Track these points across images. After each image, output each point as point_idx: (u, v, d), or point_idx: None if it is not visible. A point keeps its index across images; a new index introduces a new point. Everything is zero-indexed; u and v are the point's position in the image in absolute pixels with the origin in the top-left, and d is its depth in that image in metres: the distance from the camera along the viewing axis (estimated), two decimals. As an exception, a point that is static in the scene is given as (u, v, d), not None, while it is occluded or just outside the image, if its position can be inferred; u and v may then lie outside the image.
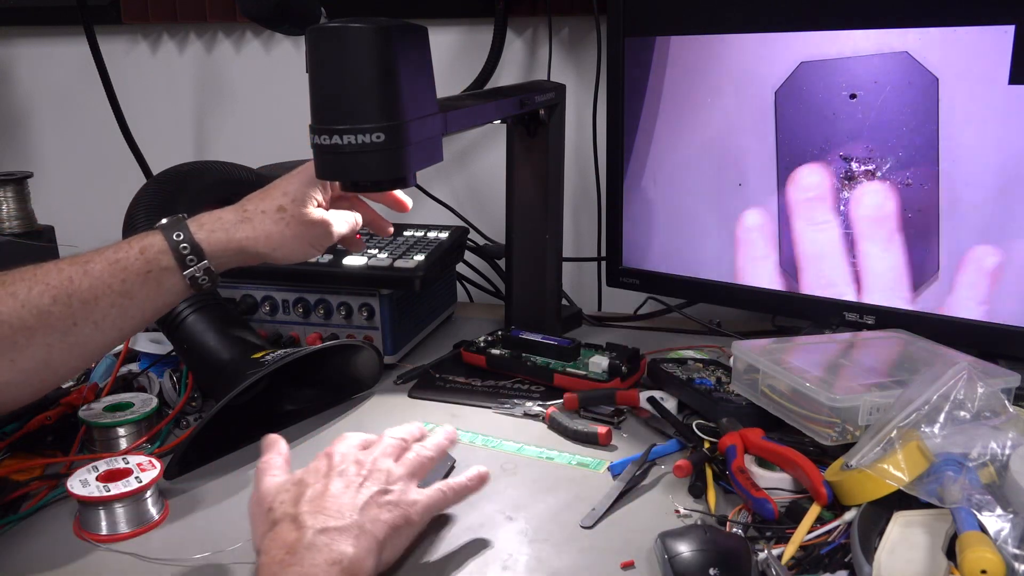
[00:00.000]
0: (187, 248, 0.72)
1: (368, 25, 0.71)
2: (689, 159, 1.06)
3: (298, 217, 0.78)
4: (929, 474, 0.62)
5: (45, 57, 1.60)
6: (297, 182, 0.79)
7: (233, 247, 0.75)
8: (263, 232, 0.76)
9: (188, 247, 0.72)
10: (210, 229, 0.75)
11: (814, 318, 1.01)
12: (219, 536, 0.70)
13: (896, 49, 0.89)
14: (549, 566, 0.66)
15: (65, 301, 0.68)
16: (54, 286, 0.68)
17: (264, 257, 0.77)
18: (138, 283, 0.71)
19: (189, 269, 0.72)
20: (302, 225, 0.78)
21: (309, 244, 0.79)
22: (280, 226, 0.77)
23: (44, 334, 0.68)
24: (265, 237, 0.76)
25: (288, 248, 0.78)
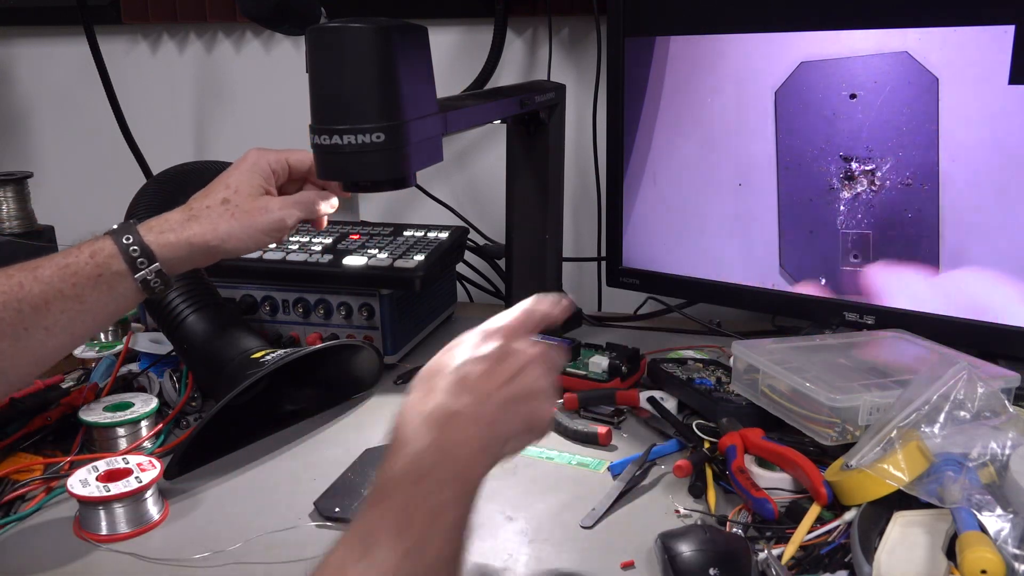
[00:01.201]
0: (137, 251, 0.71)
1: (368, 25, 0.71)
2: (689, 159, 1.06)
3: (243, 207, 0.76)
4: (929, 474, 0.63)
5: (45, 57, 1.60)
6: (238, 173, 0.78)
7: (183, 245, 0.74)
8: (210, 226, 0.74)
9: (138, 250, 0.71)
10: (159, 231, 0.73)
11: (814, 318, 1.01)
12: (219, 536, 0.70)
13: (896, 49, 0.89)
14: (549, 566, 0.66)
15: (16, 307, 0.67)
16: (4, 292, 0.68)
17: (216, 251, 0.75)
18: (89, 287, 0.70)
19: (140, 272, 0.71)
20: (248, 214, 0.76)
21: (261, 232, 0.76)
22: (226, 218, 0.75)
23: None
24: (212, 231, 0.74)
25: (238, 239, 0.75)
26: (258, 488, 0.79)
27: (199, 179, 0.99)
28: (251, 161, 0.78)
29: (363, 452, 0.83)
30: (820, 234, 0.98)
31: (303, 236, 1.11)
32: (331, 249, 1.06)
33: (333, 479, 0.78)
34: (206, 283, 0.96)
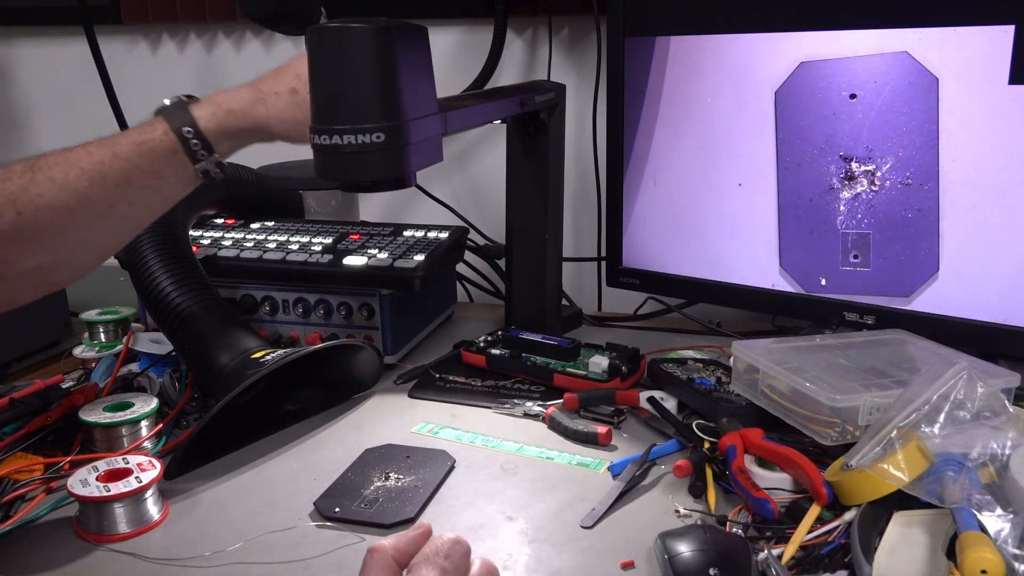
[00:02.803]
0: (198, 144, 0.74)
1: (368, 25, 0.71)
2: (689, 159, 1.06)
3: (308, 100, 0.78)
4: (929, 474, 0.63)
5: (45, 57, 1.60)
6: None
7: (248, 125, 0.77)
8: (276, 112, 0.78)
9: (199, 143, 0.74)
10: (228, 108, 0.77)
11: (814, 318, 1.01)
12: (219, 536, 0.70)
13: (896, 49, 0.89)
14: (549, 566, 0.66)
15: (100, 184, 0.71)
16: (88, 170, 0.71)
17: (275, 136, 0.79)
18: (164, 163, 0.73)
19: (200, 163, 0.75)
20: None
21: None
22: (292, 108, 0.79)
23: (85, 216, 0.71)
24: (278, 117, 0.78)
25: (300, 130, 0.78)
26: (258, 488, 0.79)
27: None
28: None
29: (363, 452, 0.83)
30: (820, 234, 0.98)
31: (303, 236, 1.11)
32: (331, 249, 1.06)
33: (333, 479, 0.78)
34: (206, 283, 0.96)
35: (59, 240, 0.71)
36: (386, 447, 0.84)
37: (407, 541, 0.55)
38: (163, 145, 0.73)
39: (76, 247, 0.72)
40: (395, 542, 0.54)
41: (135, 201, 0.73)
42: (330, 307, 1.04)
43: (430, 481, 0.77)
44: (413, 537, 0.55)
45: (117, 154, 0.72)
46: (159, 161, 0.73)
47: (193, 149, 0.74)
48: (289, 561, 0.67)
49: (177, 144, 0.74)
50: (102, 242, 0.75)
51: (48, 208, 0.69)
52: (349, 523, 0.71)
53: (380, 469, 0.79)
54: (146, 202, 0.74)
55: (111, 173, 0.71)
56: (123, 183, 0.71)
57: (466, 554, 0.55)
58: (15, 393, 0.88)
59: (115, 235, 0.75)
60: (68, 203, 0.70)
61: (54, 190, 0.70)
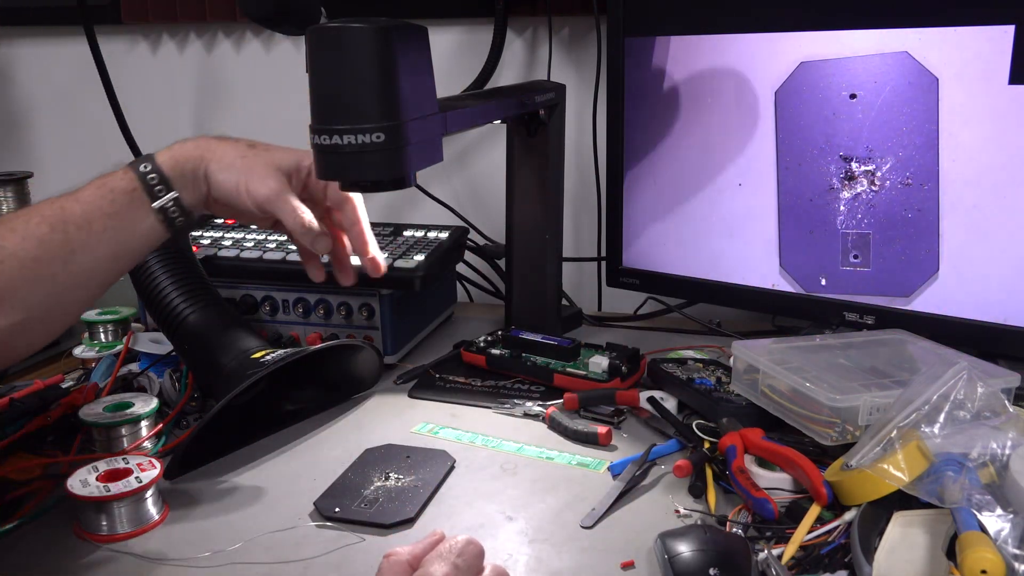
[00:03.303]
0: (155, 178, 0.73)
1: (368, 25, 0.71)
2: (689, 159, 1.06)
3: (261, 154, 0.78)
4: (929, 474, 0.62)
5: (45, 57, 1.60)
6: (285, 151, 0.80)
7: (195, 156, 0.76)
8: (219, 153, 0.77)
9: (156, 177, 0.73)
10: (182, 148, 0.76)
11: (814, 318, 1.01)
12: (219, 536, 0.70)
13: (896, 49, 0.89)
14: (549, 566, 0.66)
15: (61, 228, 0.70)
16: (49, 216, 0.70)
17: (211, 175, 0.76)
18: (126, 203, 0.72)
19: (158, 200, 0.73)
20: (256, 165, 0.77)
21: (246, 186, 0.76)
22: (238, 152, 0.77)
23: (48, 264, 0.69)
24: (220, 154, 0.76)
25: (229, 175, 0.76)
26: (258, 488, 0.79)
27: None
28: (298, 151, 0.80)
29: (363, 452, 0.83)
30: (820, 234, 0.98)
31: (303, 236, 1.11)
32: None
33: (333, 479, 0.78)
34: (206, 283, 0.96)
35: (25, 294, 0.68)
36: (386, 447, 0.84)
37: (423, 547, 0.56)
38: (122, 184, 0.73)
39: (42, 302, 0.69)
40: (411, 548, 0.56)
41: (96, 247, 0.71)
42: (330, 307, 1.04)
43: (430, 481, 0.77)
44: (428, 543, 0.57)
45: (78, 198, 0.72)
46: (119, 201, 0.72)
47: (150, 183, 0.73)
48: (289, 561, 0.67)
49: (136, 181, 0.73)
50: (67, 297, 0.71)
51: (11, 258, 0.68)
52: (349, 523, 0.71)
53: (380, 469, 0.79)
54: (109, 249, 0.71)
55: (72, 217, 0.70)
56: (84, 226, 0.70)
57: (479, 555, 0.56)
58: (15, 393, 0.88)
59: (80, 287, 0.72)
60: (31, 251, 0.68)
61: (15, 240, 0.68)
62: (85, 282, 0.72)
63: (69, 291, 0.71)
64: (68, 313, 0.73)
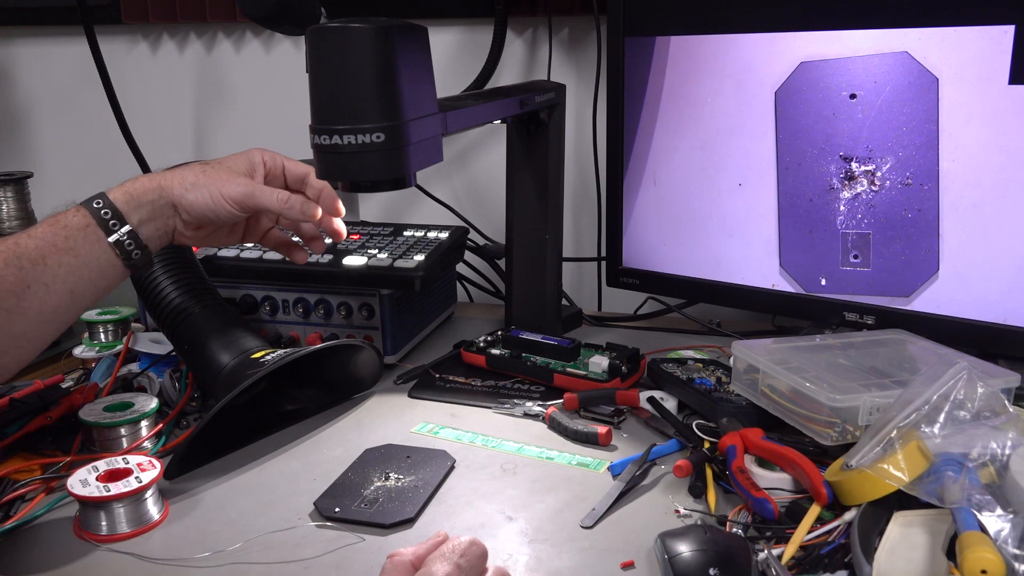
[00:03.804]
0: (108, 213, 0.74)
1: (368, 25, 0.71)
2: (689, 159, 1.06)
3: (218, 170, 0.80)
4: (929, 474, 0.62)
5: (45, 57, 1.60)
6: (227, 156, 0.83)
7: (152, 187, 0.77)
8: (179, 177, 0.78)
9: (109, 212, 0.74)
10: (137, 181, 0.78)
11: (814, 318, 1.01)
12: (219, 536, 0.70)
13: (896, 49, 0.89)
14: (549, 566, 0.66)
15: (16, 263, 0.70)
16: (2, 251, 0.70)
17: (180, 201, 0.77)
18: (80, 239, 0.72)
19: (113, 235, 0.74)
20: (219, 177, 0.79)
21: (224, 197, 0.79)
22: (197, 173, 0.79)
23: (2, 299, 0.69)
24: (180, 180, 0.78)
25: (201, 192, 0.78)
26: (258, 488, 0.79)
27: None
28: (245, 152, 0.83)
29: (363, 452, 0.83)
30: (820, 234, 0.98)
31: (303, 236, 1.11)
32: (331, 249, 1.06)
33: (333, 479, 0.78)
34: (206, 283, 0.96)
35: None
36: (386, 447, 0.84)
37: (426, 548, 0.56)
38: (76, 220, 0.73)
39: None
40: (415, 549, 0.56)
41: (51, 282, 0.70)
42: (330, 307, 1.04)
43: (430, 481, 0.77)
44: (431, 544, 0.57)
45: (32, 234, 0.72)
46: (73, 237, 0.72)
47: (103, 218, 0.73)
48: (289, 561, 0.67)
49: (88, 217, 0.73)
50: (20, 333, 0.70)
51: None
52: (349, 523, 0.71)
53: (380, 469, 0.79)
54: (64, 285, 0.71)
55: (26, 252, 0.70)
56: (38, 261, 0.70)
57: (482, 556, 0.56)
58: (15, 393, 0.88)
59: (33, 325, 0.71)
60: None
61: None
62: (39, 318, 0.71)
63: (22, 326, 0.70)
64: (22, 349, 0.72)
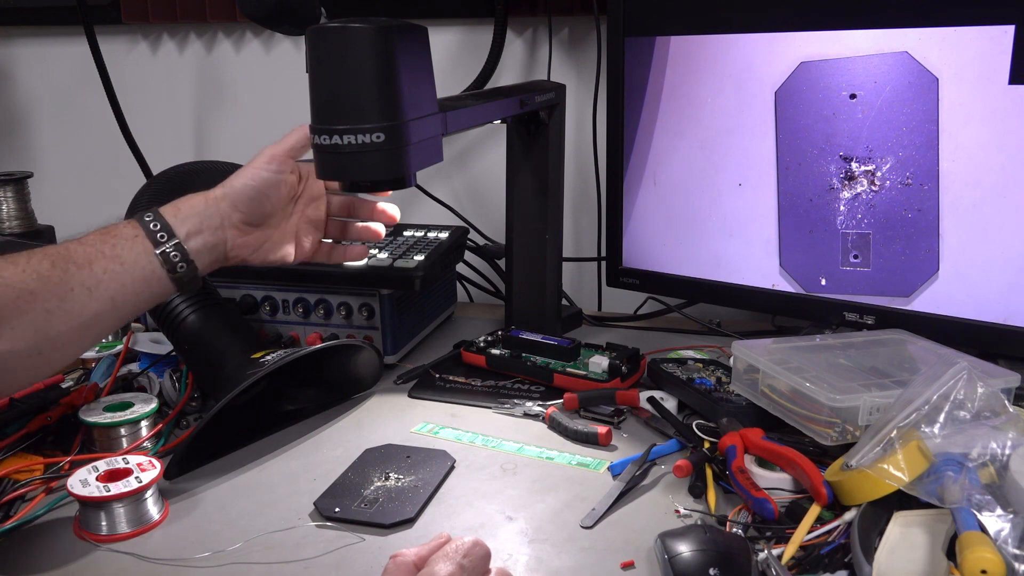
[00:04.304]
0: (158, 226, 0.76)
1: (368, 25, 0.71)
2: (689, 159, 1.06)
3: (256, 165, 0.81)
4: (929, 474, 0.62)
5: (45, 57, 1.60)
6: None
7: (199, 200, 0.78)
8: (220, 185, 0.80)
9: (159, 225, 0.76)
10: (185, 198, 0.79)
11: (814, 318, 1.01)
12: (219, 536, 0.70)
13: (896, 49, 0.89)
14: (549, 566, 0.66)
15: (62, 266, 0.71)
16: (51, 253, 0.72)
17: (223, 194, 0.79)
18: (127, 248, 0.73)
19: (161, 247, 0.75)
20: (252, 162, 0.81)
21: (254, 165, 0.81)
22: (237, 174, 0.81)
23: (44, 299, 0.69)
24: (222, 184, 0.80)
25: (238, 176, 0.80)
26: (258, 488, 0.79)
27: (199, 179, 1.00)
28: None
29: (363, 452, 0.83)
30: (820, 234, 0.98)
31: (303, 236, 1.11)
32: (331, 249, 1.06)
33: (333, 479, 0.78)
34: (206, 283, 0.96)
35: (15, 323, 0.68)
36: (386, 447, 0.84)
37: (428, 548, 0.57)
38: (126, 231, 0.75)
39: (31, 336, 0.69)
40: (417, 550, 0.56)
41: (94, 287, 0.71)
42: (330, 307, 1.04)
43: (430, 481, 0.77)
44: (434, 545, 0.57)
45: (82, 240, 0.73)
46: (121, 246, 0.73)
47: (152, 230, 0.75)
48: (289, 561, 0.67)
49: (138, 228, 0.75)
50: (59, 335, 0.71)
51: (7, 288, 0.68)
52: (349, 523, 0.71)
53: (380, 469, 0.79)
54: (108, 292, 0.72)
55: (74, 256, 0.72)
56: (85, 265, 0.71)
57: (485, 557, 0.56)
58: (15, 393, 0.88)
59: (74, 329, 0.71)
60: (28, 284, 0.69)
61: (15, 271, 0.69)
62: (80, 323, 0.71)
63: (60, 328, 0.70)
64: (57, 352, 0.72)
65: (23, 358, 0.70)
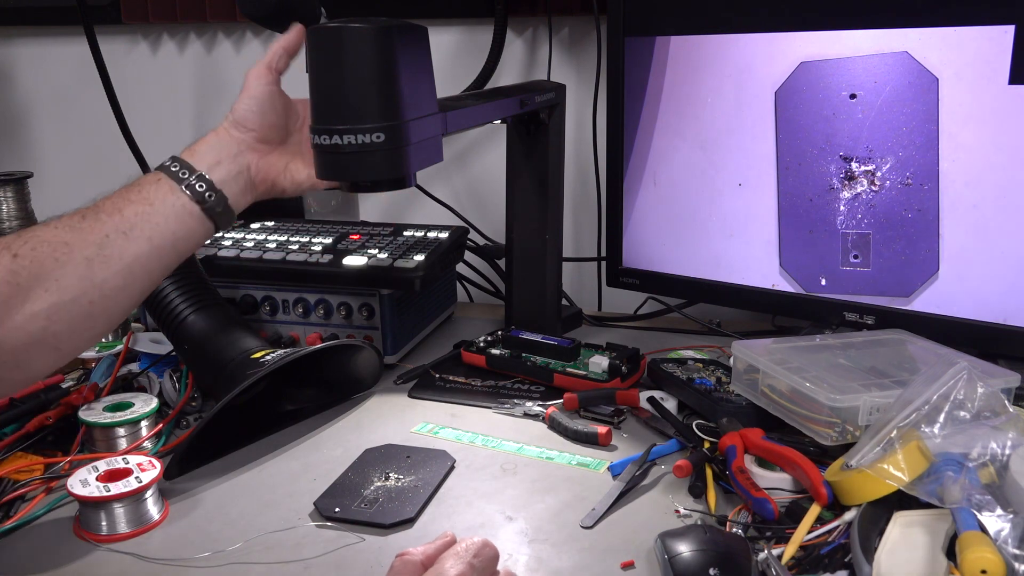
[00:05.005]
0: (177, 165, 0.78)
1: (368, 25, 0.71)
2: (689, 159, 1.06)
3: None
4: (929, 474, 0.63)
5: (45, 57, 1.60)
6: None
7: (224, 125, 0.81)
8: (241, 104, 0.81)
9: (178, 164, 0.78)
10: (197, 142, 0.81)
11: (814, 318, 1.01)
12: (219, 536, 0.70)
13: (896, 49, 0.89)
14: (549, 566, 0.66)
15: (93, 215, 0.73)
16: (81, 209, 0.74)
17: (233, 120, 0.81)
18: (153, 189, 0.75)
19: (184, 179, 0.77)
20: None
21: (264, 65, 0.83)
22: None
23: (80, 247, 0.71)
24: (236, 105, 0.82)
25: (240, 98, 0.82)
26: (258, 488, 0.79)
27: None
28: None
29: (363, 452, 0.83)
30: (820, 234, 0.98)
31: (303, 236, 1.11)
32: (331, 249, 1.06)
33: (333, 479, 0.78)
34: (206, 283, 0.96)
35: (59, 275, 0.69)
36: (386, 447, 0.84)
37: (435, 548, 0.57)
38: (149, 177, 0.77)
39: (76, 284, 0.70)
40: (424, 548, 0.56)
41: (129, 230, 0.73)
42: (330, 307, 1.04)
43: (430, 481, 0.77)
44: (441, 544, 0.57)
45: (108, 194, 0.76)
46: (147, 189, 0.75)
47: (173, 170, 0.77)
48: (289, 561, 0.67)
49: (160, 173, 0.77)
50: (103, 280, 0.72)
51: (44, 244, 0.70)
52: (349, 523, 0.71)
53: (380, 469, 0.79)
54: (142, 233, 0.73)
55: (103, 206, 0.74)
56: (115, 212, 0.73)
57: (494, 558, 0.57)
58: (15, 393, 0.88)
59: (116, 274, 0.72)
60: (63, 236, 0.71)
61: (48, 230, 0.71)
62: (122, 266, 0.73)
63: (104, 274, 0.72)
64: (108, 298, 0.73)
65: (74, 308, 0.71)
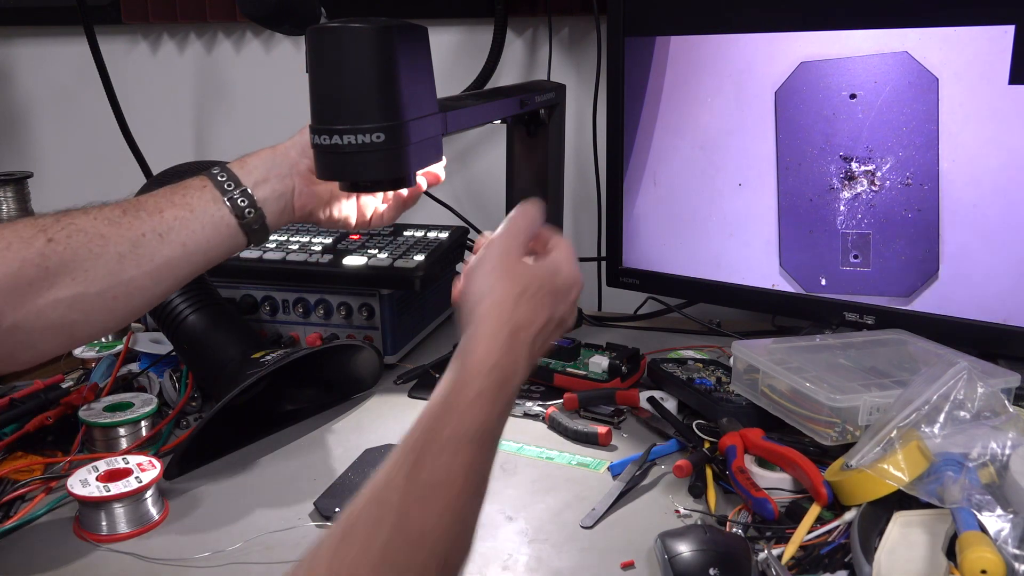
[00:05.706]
0: (224, 176, 0.77)
1: (368, 25, 0.71)
2: (689, 159, 1.06)
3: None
4: (929, 474, 0.63)
5: (45, 57, 1.60)
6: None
7: (266, 150, 0.79)
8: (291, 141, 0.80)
9: (226, 175, 0.77)
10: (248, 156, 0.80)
11: (814, 318, 1.01)
12: (219, 536, 0.70)
13: (896, 49, 0.89)
14: (549, 566, 0.66)
15: (133, 212, 0.73)
16: (122, 203, 0.74)
17: (292, 143, 0.80)
18: (196, 196, 0.75)
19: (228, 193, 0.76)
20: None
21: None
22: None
23: (115, 243, 0.71)
24: (300, 133, 0.79)
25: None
26: (258, 488, 0.79)
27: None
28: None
29: (363, 452, 0.83)
30: (820, 234, 0.98)
31: (303, 236, 1.11)
32: (331, 249, 1.06)
33: (333, 479, 0.78)
34: (206, 283, 0.96)
35: (89, 266, 0.70)
36: (386, 447, 0.84)
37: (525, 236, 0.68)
38: (195, 182, 0.76)
39: (103, 279, 0.71)
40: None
41: (165, 232, 0.73)
42: (330, 307, 1.04)
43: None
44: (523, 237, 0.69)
45: (153, 193, 0.76)
46: (190, 195, 0.75)
47: (219, 180, 0.76)
48: (289, 561, 0.67)
49: (206, 180, 0.76)
50: (130, 279, 0.72)
51: (79, 232, 0.70)
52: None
53: (380, 469, 0.79)
54: (178, 237, 0.73)
55: (145, 205, 0.74)
56: (155, 212, 0.73)
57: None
58: (15, 393, 0.88)
59: (144, 274, 0.72)
60: (100, 228, 0.71)
61: (88, 218, 0.71)
62: (152, 268, 0.73)
63: (133, 272, 0.72)
64: (132, 296, 0.73)
65: (97, 301, 0.71)
